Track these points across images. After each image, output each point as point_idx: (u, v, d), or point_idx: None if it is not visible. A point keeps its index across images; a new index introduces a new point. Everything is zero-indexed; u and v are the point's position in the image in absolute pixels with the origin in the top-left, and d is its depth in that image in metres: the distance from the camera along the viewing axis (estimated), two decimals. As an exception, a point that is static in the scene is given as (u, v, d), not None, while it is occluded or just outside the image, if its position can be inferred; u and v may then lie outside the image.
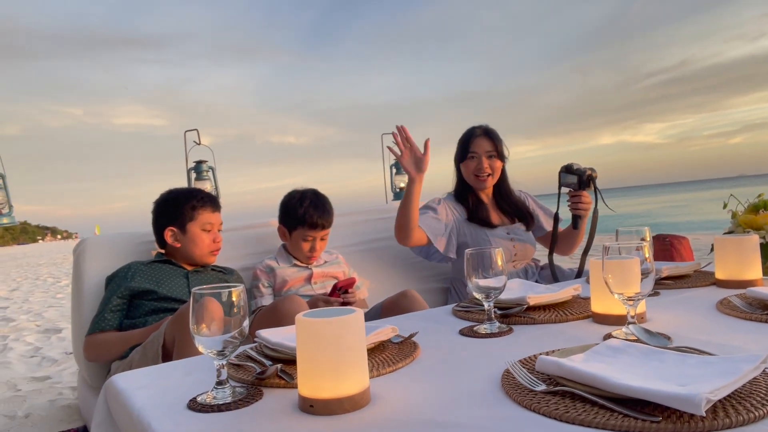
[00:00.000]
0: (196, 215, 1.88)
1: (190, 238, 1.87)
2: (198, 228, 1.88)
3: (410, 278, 2.48)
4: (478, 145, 2.23)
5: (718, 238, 1.49)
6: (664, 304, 1.31)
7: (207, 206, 1.92)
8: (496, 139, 2.25)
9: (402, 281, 2.44)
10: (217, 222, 1.94)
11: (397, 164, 5.13)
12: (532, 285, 1.47)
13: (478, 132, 2.26)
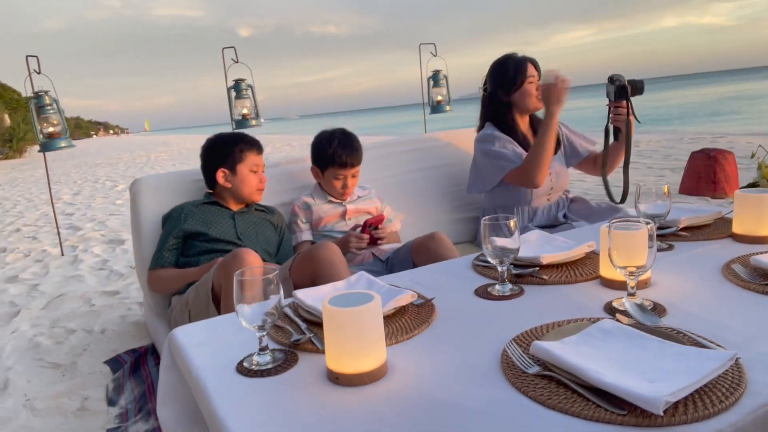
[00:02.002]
0: (244, 157, 2.02)
1: (240, 179, 2.01)
2: (246, 169, 2.02)
3: (443, 209, 2.58)
4: (531, 69, 2.24)
5: (738, 194, 1.52)
6: (673, 263, 1.38)
7: (253, 149, 2.05)
8: (538, 65, 2.28)
9: (435, 212, 2.56)
10: (261, 164, 2.08)
11: (435, 77, 5.06)
12: (550, 239, 1.56)
13: (527, 58, 2.27)
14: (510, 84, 2.26)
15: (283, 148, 17.87)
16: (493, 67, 2.33)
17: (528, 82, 2.25)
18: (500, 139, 2.23)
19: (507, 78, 2.26)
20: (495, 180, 2.21)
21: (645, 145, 9.57)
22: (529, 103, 2.28)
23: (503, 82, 2.27)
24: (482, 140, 2.26)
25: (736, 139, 9.51)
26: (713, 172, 4.46)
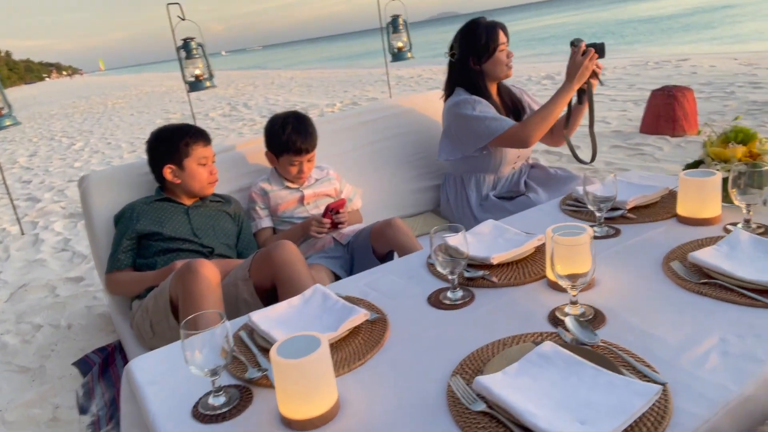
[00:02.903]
0: (190, 151, 1.96)
1: (188, 174, 1.96)
2: (194, 163, 1.97)
3: (404, 179, 2.58)
4: (501, 36, 2.22)
5: (682, 177, 1.55)
6: (618, 255, 1.42)
7: (199, 141, 1.99)
8: (507, 30, 2.27)
9: (396, 183, 2.55)
10: (210, 155, 2.02)
11: (394, 23, 4.88)
12: (501, 231, 1.58)
13: (497, 24, 2.23)
14: (481, 52, 2.22)
15: (246, 89, 17.34)
16: (462, 34, 2.27)
17: (499, 50, 2.21)
18: (480, 102, 2.21)
19: (478, 46, 2.22)
20: (481, 143, 2.19)
21: (610, 72, 9.54)
22: (500, 71, 2.25)
23: (474, 50, 2.23)
24: (459, 105, 2.22)
25: (699, 60, 9.53)
26: (673, 110, 4.51)
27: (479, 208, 2.33)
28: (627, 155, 4.23)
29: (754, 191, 1.40)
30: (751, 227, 1.45)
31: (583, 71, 2.05)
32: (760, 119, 4.88)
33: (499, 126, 2.13)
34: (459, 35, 2.28)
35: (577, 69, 2.05)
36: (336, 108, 9.70)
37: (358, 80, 15.04)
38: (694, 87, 6.98)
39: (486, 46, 2.19)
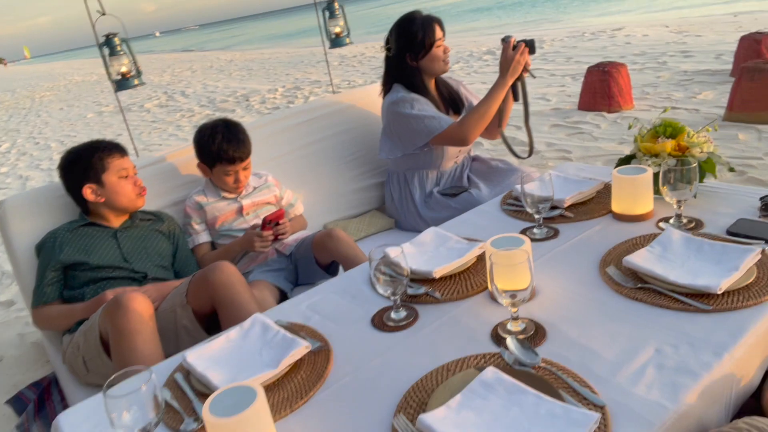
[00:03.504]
0: (107, 165, 1.84)
1: (111, 189, 1.85)
2: (114, 177, 1.85)
3: (347, 178, 2.53)
4: (438, 32, 2.18)
5: (615, 175, 1.57)
6: (556, 259, 1.43)
7: (114, 153, 1.87)
8: (443, 25, 2.23)
9: (339, 184, 2.50)
10: (130, 166, 1.91)
11: (330, 8, 4.75)
12: (444, 239, 1.56)
13: (433, 19, 2.19)
14: (418, 49, 2.18)
15: (183, 74, 16.70)
16: (398, 28, 2.22)
17: (436, 46, 2.18)
18: (418, 100, 2.18)
19: (415, 42, 2.17)
20: (421, 142, 2.18)
21: (548, 45, 9.67)
22: (437, 67, 2.22)
23: (411, 46, 2.18)
24: (398, 103, 2.19)
25: (632, 30, 9.78)
26: (608, 86, 4.61)
27: (424, 206, 2.31)
28: (567, 135, 4.30)
29: (684, 186, 1.43)
30: (683, 222, 1.49)
31: (515, 66, 2.05)
32: (691, 89, 5.06)
33: (438, 125, 2.11)
34: (394, 30, 2.23)
35: (509, 64, 2.05)
36: (278, 93, 9.47)
37: (299, 61, 14.73)
38: (629, 58, 7.17)
39: (422, 42, 2.16)
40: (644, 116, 4.41)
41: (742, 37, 5.30)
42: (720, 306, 1.13)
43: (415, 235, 2.30)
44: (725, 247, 1.28)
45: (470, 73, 8.42)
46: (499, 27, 17.18)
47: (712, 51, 6.71)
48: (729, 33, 7.88)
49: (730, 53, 6.07)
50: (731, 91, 3.96)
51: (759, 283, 1.18)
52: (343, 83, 9.38)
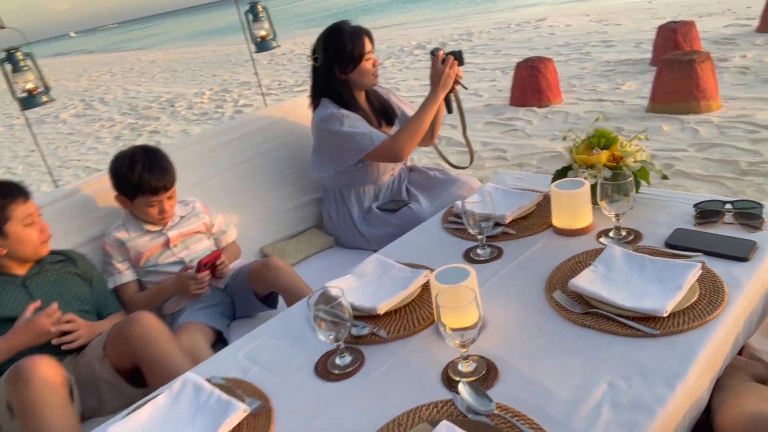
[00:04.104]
0: (10, 214, 1.65)
1: (14, 240, 1.66)
2: (19, 226, 1.66)
3: (283, 196, 2.42)
4: (367, 44, 2.10)
5: (554, 190, 1.55)
6: (502, 283, 1.39)
7: (18, 199, 1.68)
8: (372, 37, 2.15)
9: (274, 203, 2.39)
10: (34, 210, 1.72)
11: (253, 10, 4.57)
12: (386, 267, 1.49)
13: (362, 31, 2.10)
14: (347, 62, 2.09)
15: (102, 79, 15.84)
16: (326, 40, 2.11)
17: (366, 59, 2.10)
18: (348, 117, 2.09)
19: (344, 55, 2.08)
20: (353, 160, 2.10)
21: (476, 38, 9.80)
22: (367, 81, 2.15)
23: (339, 59, 2.09)
24: (327, 120, 2.09)
25: (555, 20, 10.06)
26: (537, 82, 4.69)
27: (363, 222, 2.24)
28: (500, 132, 4.35)
29: (621, 198, 1.43)
30: (622, 234, 1.49)
31: (446, 79, 2.01)
32: (614, 80, 5.23)
33: (370, 142, 2.04)
34: (322, 41, 2.13)
35: (440, 78, 2.01)
36: (206, 97, 9.11)
37: (226, 60, 14.27)
38: (554, 50, 7.35)
39: (351, 54, 2.07)
40: (573, 110, 4.51)
41: (659, 26, 5.52)
42: (667, 329, 1.12)
43: (357, 253, 2.28)
44: (666, 264, 1.28)
45: (402, 69, 8.40)
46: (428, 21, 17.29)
47: (631, 40, 6.97)
48: (646, 21, 8.23)
49: (648, 41, 6.33)
50: (653, 83, 4.10)
51: (702, 302, 1.18)
52: (273, 84, 9.14)
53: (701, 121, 3.71)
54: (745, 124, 3.52)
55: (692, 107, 3.85)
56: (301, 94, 7.86)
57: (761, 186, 2.68)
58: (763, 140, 3.22)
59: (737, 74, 4.66)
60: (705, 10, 8.09)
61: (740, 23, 6.65)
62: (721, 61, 4.94)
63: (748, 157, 3.03)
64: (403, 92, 6.79)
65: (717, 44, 5.81)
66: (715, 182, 2.82)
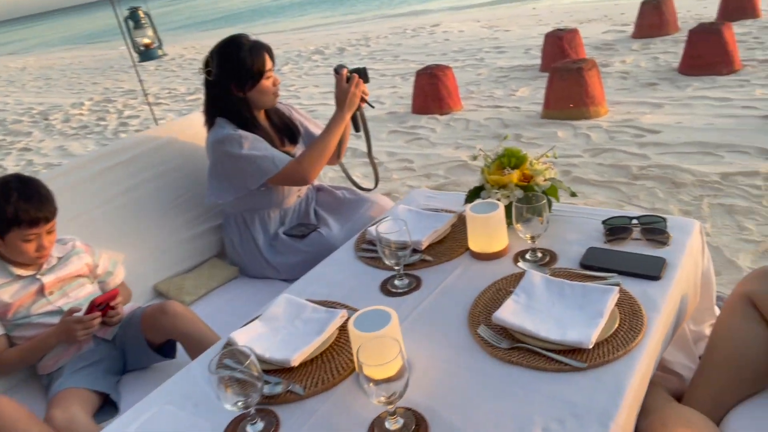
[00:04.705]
0: None
1: None
2: None
3: (176, 226, 2.20)
4: (268, 62, 1.95)
5: (469, 215, 1.51)
6: (422, 319, 1.31)
7: None
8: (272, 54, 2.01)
9: (170, 234, 2.17)
10: None
11: (134, 17, 4.22)
12: (299, 308, 1.36)
13: (262, 47, 1.95)
14: (245, 80, 1.93)
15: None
16: (222, 54, 1.94)
17: (266, 77, 1.95)
18: (247, 138, 1.92)
19: (242, 72, 1.92)
20: (254, 184, 1.94)
21: (374, 43, 9.83)
22: (266, 100, 2.00)
23: (237, 76, 1.93)
24: (224, 142, 1.92)
25: (449, 25, 10.33)
26: (437, 89, 4.73)
27: (270, 250, 2.09)
28: (405, 141, 4.33)
29: (534, 218, 1.41)
30: (538, 256, 1.48)
31: (351, 98, 1.92)
32: (509, 86, 5.41)
33: (273, 165, 1.90)
34: (217, 55, 1.95)
35: (346, 97, 1.92)
36: (85, 108, 8.38)
37: (108, 66, 13.28)
38: (450, 56, 7.52)
39: (250, 72, 1.92)
40: (473, 117, 4.60)
41: (546, 34, 5.79)
42: (594, 361, 1.10)
43: (265, 283, 2.12)
44: (585, 289, 1.26)
45: (301, 75, 8.22)
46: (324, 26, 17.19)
47: (521, 46, 7.28)
48: (532, 27, 8.65)
49: (537, 47, 6.63)
50: (546, 91, 4.27)
51: (623, 328, 1.17)
52: (163, 92, 8.59)
53: (592, 126, 3.91)
54: (631, 128, 3.74)
55: (583, 113, 4.05)
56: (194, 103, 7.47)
57: (652, 190, 2.84)
58: (649, 144, 3.44)
59: (619, 79, 4.98)
60: (585, 17, 8.65)
61: (617, 29, 7.16)
62: (603, 67, 5.25)
63: (637, 161, 3.21)
64: (303, 100, 6.63)
65: (598, 50, 6.20)
66: (610, 187, 2.96)
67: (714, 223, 2.49)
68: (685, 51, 4.75)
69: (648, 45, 6.01)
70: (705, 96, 4.15)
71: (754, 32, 5.65)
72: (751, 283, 1.34)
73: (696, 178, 2.89)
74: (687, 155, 3.20)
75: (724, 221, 2.50)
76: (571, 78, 4.02)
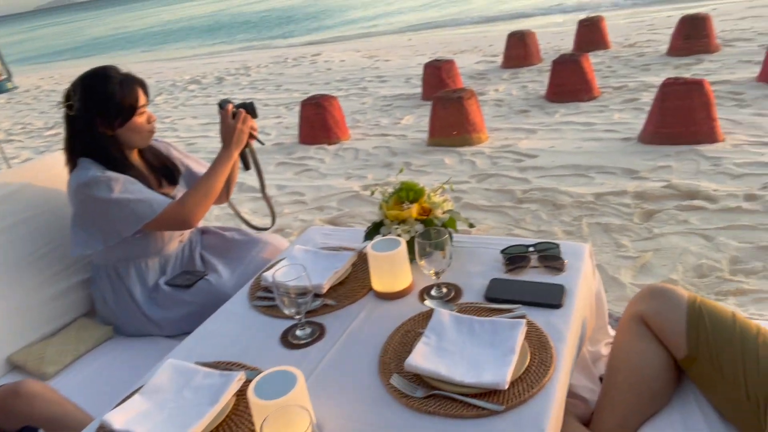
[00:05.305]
0: None
1: None
2: None
3: (36, 284, 1.90)
4: (141, 97, 1.76)
5: (371, 254, 1.44)
6: (330, 374, 1.21)
7: None
8: (147, 88, 1.82)
9: (24, 292, 1.86)
10: None
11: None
12: (186, 376, 1.20)
13: (135, 81, 1.76)
14: (114, 116, 1.72)
15: None
16: (86, 87, 1.71)
17: (138, 114, 1.75)
18: (116, 180, 1.70)
19: (110, 107, 1.70)
20: (128, 231, 1.72)
21: (255, 72, 9.64)
22: (138, 139, 1.80)
23: (104, 111, 1.71)
24: (90, 186, 1.68)
25: (330, 55, 10.42)
26: (324, 119, 4.69)
27: (150, 303, 1.87)
28: (295, 173, 4.21)
29: (437, 253, 1.37)
30: (443, 292, 1.44)
31: (239, 135, 1.79)
32: (394, 115, 5.50)
33: (149, 209, 1.70)
34: (81, 87, 1.72)
35: (232, 134, 1.79)
36: None
37: (-50, 99, 11.76)
38: (333, 84, 7.55)
39: (119, 108, 1.72)
40: (362, 146, 4.60)
41: (425, 64, 6.00)
42: (511, 402, 1.06)
43: (145, 342, 1.88)
44: (494, 324, 1.24)
45: (177, 106, 7.82)
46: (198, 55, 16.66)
47: (401, 75, 7.49)
48: (410, 57, 8.96)
49: (417, 77, 6.85)
50: (430, 119, 4.38)
51: (535, 362, 1.16)
52: (16, 128, 7.73)
53: (476, 152, 4.05)
54: (511, 153, 3.93)
55: (466, 140, 4.19)
56: (53, 139, 6.80)
57: (536, 213, 2.97)
58: (529, 168, 3.62)
59: (494, 106, 5.25)
60: (458, 48, 9.12)
61: (488, 60, 7.61)
62: (479, 95, 5.52)
63: (520, 185, 3.36)
64: (181, 132, 6.27)
65: (473, 79, 6.53)
66: (499, 212, 3.06)
67: (594, 242, 2.64)
68: (551, 79, 5.14)
69: (516, 74, 6.44)
70: (571, 121, 4.48)
71: (606, 62, 6.26)
72: (639, 303, 1.39)
73: (573, 199, 3.07)
74: (563, 177, 3.41)
75: (603, 239, 2.66)
76: (453, 107, 4.16)
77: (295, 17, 22.89)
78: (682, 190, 2.99)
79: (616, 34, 7.59)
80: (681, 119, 3.57)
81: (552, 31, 9.37)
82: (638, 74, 5.56)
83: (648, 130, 3.76)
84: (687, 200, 2.89)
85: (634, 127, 4.07)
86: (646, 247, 2.54)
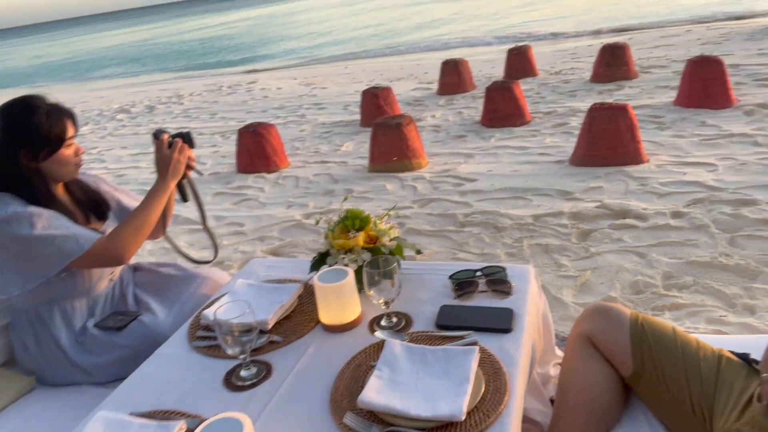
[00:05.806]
0: None
1: None
2: None
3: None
4: (70, 128, 1.66)
5: (318, 286, 1.40)
6: (278, 419, 1.15)
7: None
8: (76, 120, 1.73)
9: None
10: None
11: None
12: (120, 427, 1.10)
13: (63, 112, 1.66)
14: (39, 147, 1.61)
15: None
16: (8, 117, 1.59)
17: (66, 146, 1.64)
18: (40, 216, 1.57)
19: (35, 139, 1.59)
20: (52, 271, 1.59)
21: (188, 101, 9.42)
22: (65, 172, 1.69)
23: (28, 142, 1.59)
24: (10, 222, 1.55)
25: (266, 83, 10.34)
26: (262, 148, 4.60)
27: (77, 349, 1.72)
28: (233, 204, 4.09)
29: (386, 282, 1.34)
30: (393, 321, 1.42)
31: (175, 165, 1.71)
32: (333, 142, 5.49)
33: (76, 245, 1.59)
34: (2, 117, 1.61)
35: (168, 164, 1.71)
36: None
37: None
38: (270, 112, 7.48)
39: (46, 139, 1.60)
40: (302, 174, 4.54)
41: (363, 91, 6.04)
42: (469, 433, 1.03)
43: (72, 392, 1.73)
44: (447, 353, 1.22)
45: (105, 136, 7.50)
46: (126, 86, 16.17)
47: (339, 102, 7.52)
48: (347, 84, 9.03)
49: (354, 104, 6.89)
50: (370, 145, 4.39)
51: (489, 390, 1.14)
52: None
53: (416, 177, 4.08)
54: (451, 178, 3.99)
55: (406, 165, 4.22)
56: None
57: (479, 236, 3.01)
58: (469, 192, 3.68)
59: (432, 132, 5.34)
60: (394, 75, 9.28)
61: (424, 87, 7.77)
62: (417, 121, 5.61)
63: (461, 209, 3.40)
64: (110, 164, 6.00)
65: (410, 105, 6.64)
66: (442, 236, 3.07)
67: (536, 263, 2.70)
68: (485, 105, 5.29)
69: (452, 101, 6.60)
70: (507, 145, 4.62)
71: (535, 88, 6.53)
72: (584, 323, 1.41)
73: (513, 221, 3.14)
74: (502, 200, 3.48)
75: (543, 260, 2.72)
76: (392, 133, 4.19)
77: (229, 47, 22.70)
78: (614, 209, 3.12)
79: (543, 63, 7.95)
80: (608, 142, 3.75)
81: (483, 59, 9.71)
82: (566, 100, 5.82)
83: (578, 153, 3.92)
84: (619, 219, 3.01)
85: (565, 150, 4.24)
86: (584, 266, 2.61)
